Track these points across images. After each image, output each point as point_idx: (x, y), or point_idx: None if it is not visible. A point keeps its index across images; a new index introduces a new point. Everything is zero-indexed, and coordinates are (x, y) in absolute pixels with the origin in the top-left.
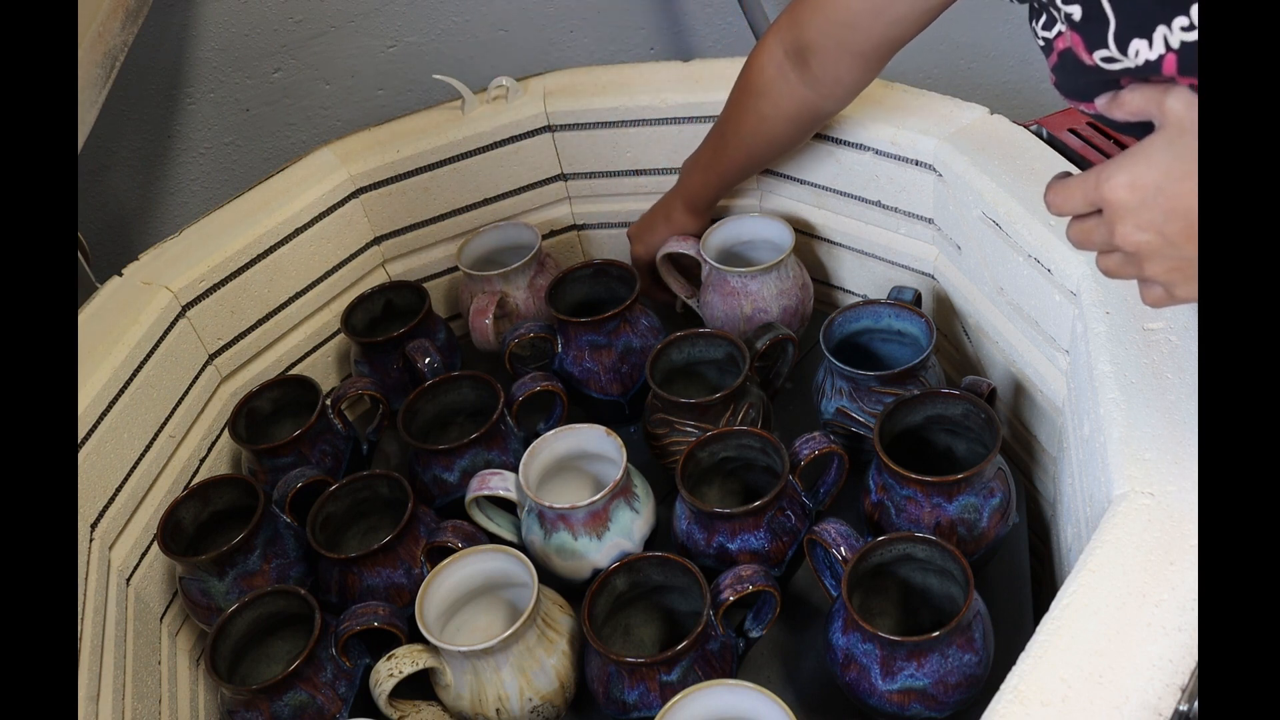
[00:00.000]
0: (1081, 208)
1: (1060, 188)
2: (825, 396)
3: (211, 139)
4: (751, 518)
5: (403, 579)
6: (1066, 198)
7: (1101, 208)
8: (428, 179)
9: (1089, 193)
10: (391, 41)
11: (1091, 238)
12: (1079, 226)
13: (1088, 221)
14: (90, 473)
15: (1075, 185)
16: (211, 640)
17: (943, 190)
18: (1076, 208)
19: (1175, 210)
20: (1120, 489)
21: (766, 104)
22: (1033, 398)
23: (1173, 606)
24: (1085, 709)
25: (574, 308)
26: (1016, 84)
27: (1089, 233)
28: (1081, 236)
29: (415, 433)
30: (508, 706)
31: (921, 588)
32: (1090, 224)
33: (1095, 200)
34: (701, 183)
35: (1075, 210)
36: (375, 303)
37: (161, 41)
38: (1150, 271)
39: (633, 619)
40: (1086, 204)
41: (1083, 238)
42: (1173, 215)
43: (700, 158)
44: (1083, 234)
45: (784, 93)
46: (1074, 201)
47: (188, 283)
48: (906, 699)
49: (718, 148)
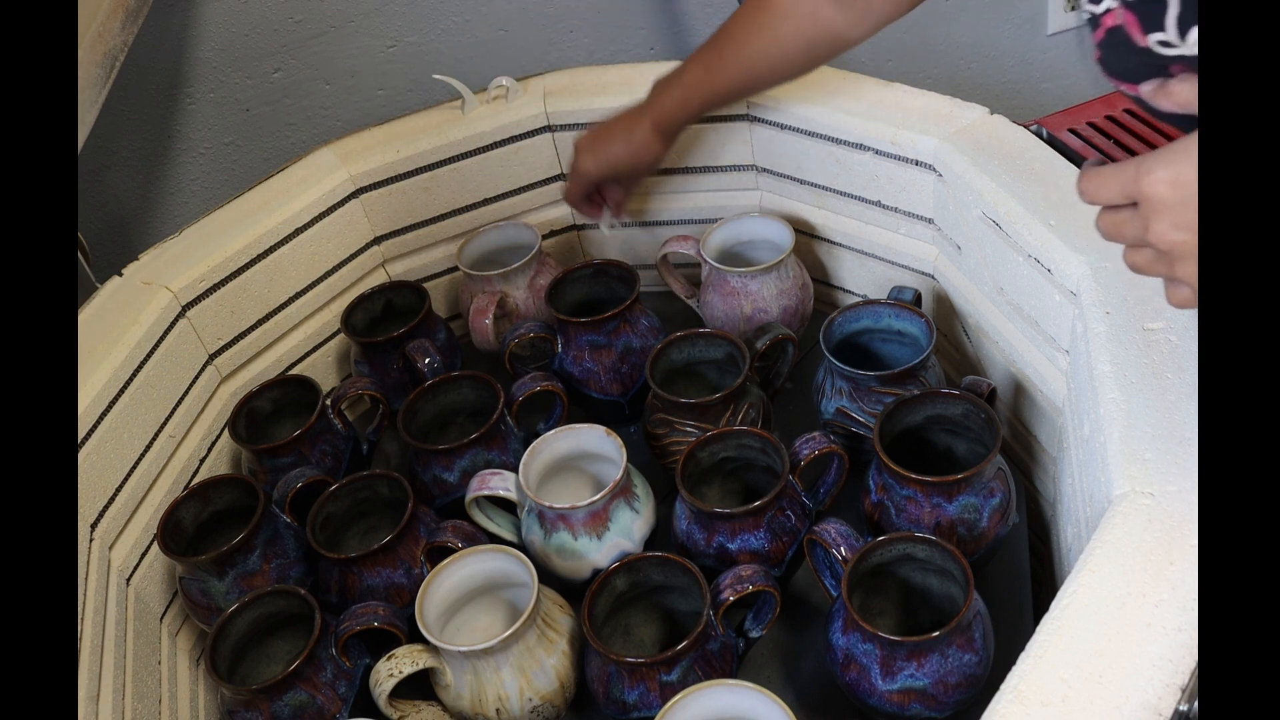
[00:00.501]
0: (1116, 199)
1: (1095, 176)
2: (825, 396)
3: (211, 139)
4: (751, 518)
5: (403, 579)
6: (1101, 186)
7: (1138, 201)
8: (428, 179)
9: (1126, 184)
10: (391, 41)
11: (1124, 230)
12: (1111, 218)
13: (1121, 213)
14: (90, 473)
15: (1112, 175)
16: (211, 640)
17: (943, 190)
18: (1111, 198)
19: None
20: (1120, 489)
21: (786, 23)
22: (1033, 398)
23: (1173, 606)
24: (1085, 709)
25: (574, 308)
26: (1016, 84)
27: (1121, 225)
28: (1112, 229)
29: (415, 433)
30: (508, 706)
31: (921, 588)
32: (1123, 216)
33: (1132, 193)
34: (680, 101)
35: (1109, 201)
36: (375, 303)
37: (161, 41)
38: (1181, 272)
39: (633, 619)
40: (1122, 196)
41: (1114, 230)
42: None
43: (685, 76)
44: (1114, 226)
45: (807, 13)
46: (1109, 191)
47: (188, 283)
48: (906, 699)
49: (711, 65)
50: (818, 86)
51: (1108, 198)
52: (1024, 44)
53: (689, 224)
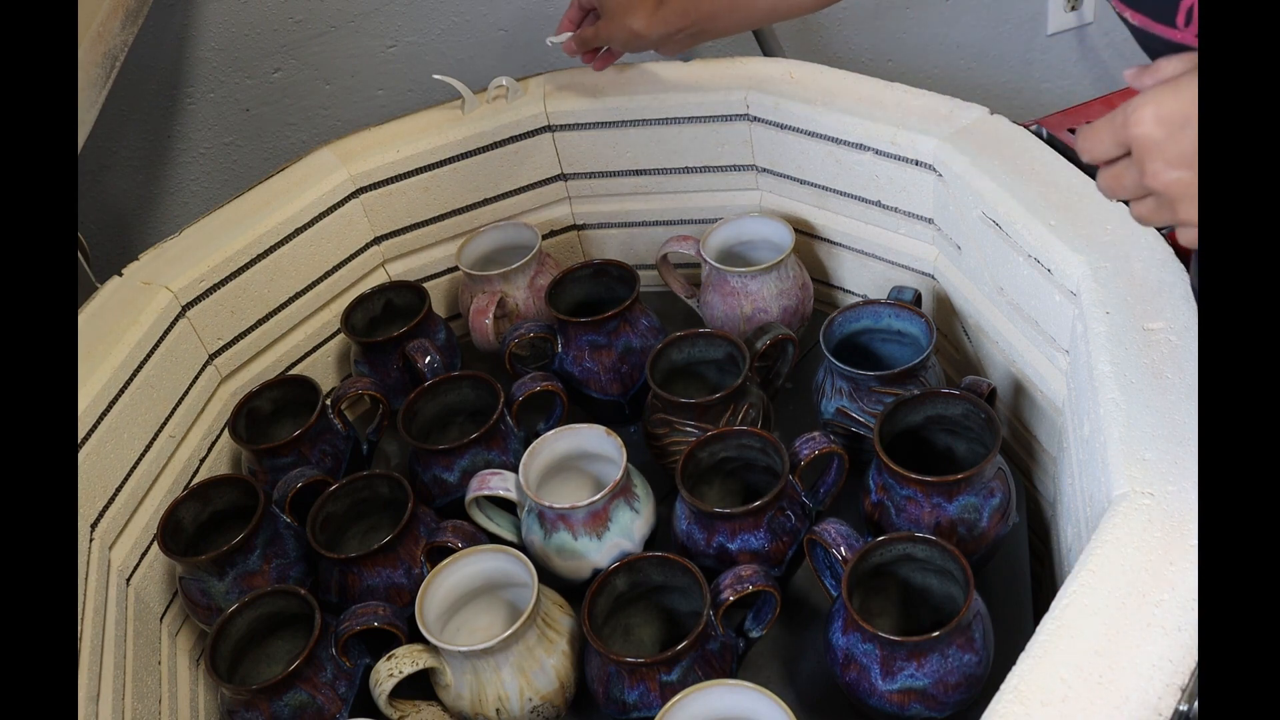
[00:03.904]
0: (1112, 150)
1: (1089, 131)
2: (825, 396)
3: (211, 139)
4: (751, 518)
5: (403, 579)
6: (1096, 141)
7: (1130, 147)
8: (428, 179)
9: (1117, 131)
10: (391, 41)
11: (1122, 181)
12: (1108, 171)
13: (1117, 165)
14: (90, 473)
15: (1103, 125)
16: (211, 640)
17: (943, 190)
18: (1107, 150)
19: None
20: (1120, 489)
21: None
22: (1033, 398)
23: (1173, 606)
24: (1085, 709)
25: (574, 308)
26: (1016, 84)
27: (1119, 177)
28: (1112, 182)
29: (415, 433)
30: (508, 706)
31: (921, 588)
32: (1119, 167)
33: (1124, 140)
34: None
35: (1106, 154)
36: (375, 303)
37: (161, 41)
38: (1185, 214)
39: (633, 619)
40: (1116, 145)
41: (1113, 183)
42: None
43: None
44: (1113, 179)
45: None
46: (1103, 144)
47: (188, 283)
48: (906, 699)
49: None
50: (818, 86)
51: (1104, 151)
52: (1024, 44)
53: (689, 224)
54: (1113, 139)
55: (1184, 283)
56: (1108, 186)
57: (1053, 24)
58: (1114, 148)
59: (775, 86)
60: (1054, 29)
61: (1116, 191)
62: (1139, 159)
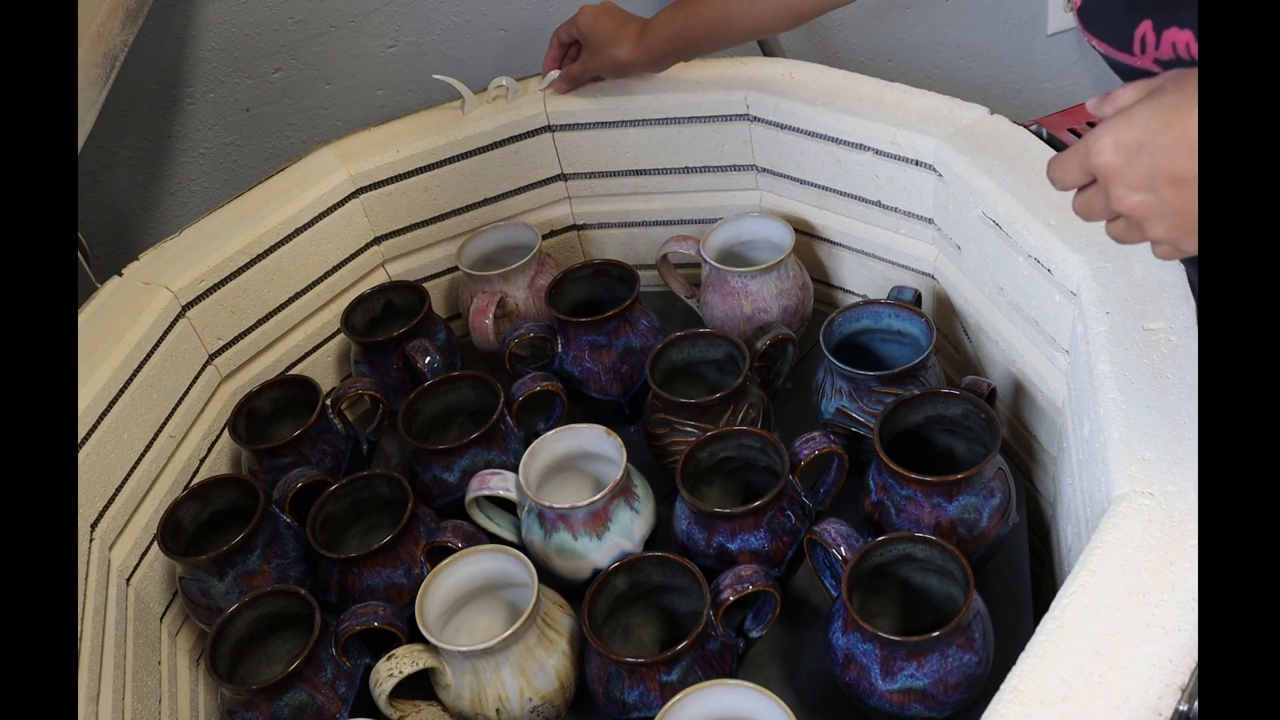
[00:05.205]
0: (1080, 178)
1: (1058, 161)
2: (825, 396)
3: (211, 139)
4: (751, 518)
5: (403, 579)
6: (1064, 170)
7: (1095, 176)
8: (428, 179)
9: (1081, 160)
10: (391, 41)
11: (1093, 206)
12: (1080, 198)
13: (1087, 192)
14: (90, 473)
15: (1069, 156)
16: (211, 640)
17: (943, 190)
18: (1076, 179)
19: (1159, 166)
20: (1120, 489)
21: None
22: (1033, 398)
23: (1173, 606)
24: (1085, 709)
25: (574, 308)
26: (1016, 84)
27: (1089, 202)
28: (1084, 208)
29: (415, 433)
30: (508, 706)
31: (921, 588)
32: (1089, 194)
33: (1088, 168)
34: (666, 20)
35: (1074, 182)
36: (375, 303)
37: (161, 41)
38: (1153, 233)
39: (633, 619)
40: (1083, 173)
41: (1085, 209)
42: (1158, 172)
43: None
44: (1084, 204)
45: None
46: (1071, 173)
47: (188, 283)
48: (906, 699)
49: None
50: (818, 86)
51: (1072, 179)
52: (1024, 44)
53: (689, 224)
54: (1079, 167)
55: (1184, 283)
56: (1081, 211)
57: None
58: (1081, 175)
59: (775, 86)
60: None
61: (1089, 215)
62: (1104, 185)
